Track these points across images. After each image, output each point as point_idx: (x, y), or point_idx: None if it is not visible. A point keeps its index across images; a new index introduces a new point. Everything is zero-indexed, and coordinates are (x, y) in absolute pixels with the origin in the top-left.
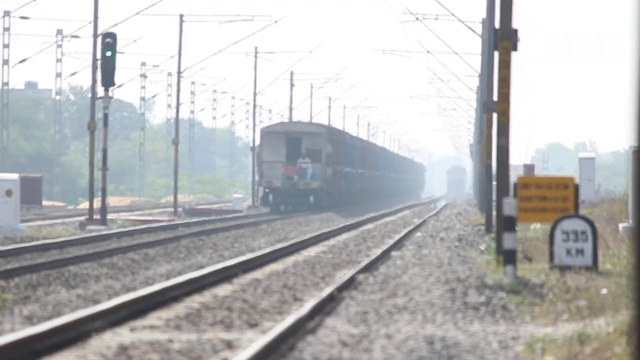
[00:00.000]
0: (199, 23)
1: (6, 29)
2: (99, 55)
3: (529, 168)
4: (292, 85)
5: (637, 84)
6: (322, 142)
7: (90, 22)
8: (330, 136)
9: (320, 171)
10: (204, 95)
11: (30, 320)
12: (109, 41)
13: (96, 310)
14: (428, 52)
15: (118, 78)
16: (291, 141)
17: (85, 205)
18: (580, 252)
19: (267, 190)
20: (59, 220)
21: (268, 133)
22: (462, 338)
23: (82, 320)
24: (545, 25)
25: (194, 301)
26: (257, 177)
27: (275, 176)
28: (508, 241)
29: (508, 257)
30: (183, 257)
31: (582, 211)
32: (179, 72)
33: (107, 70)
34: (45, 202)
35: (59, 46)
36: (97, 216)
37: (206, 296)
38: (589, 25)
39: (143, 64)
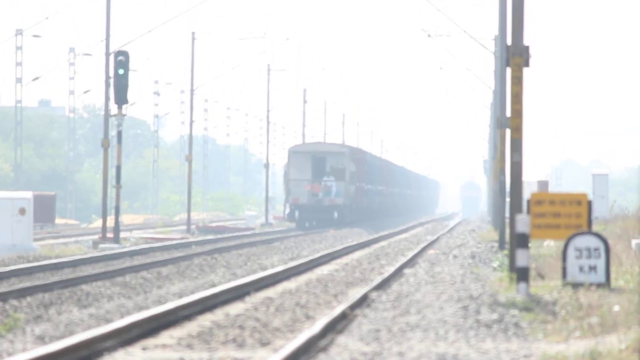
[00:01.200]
0: (212, 41)
1: (19, 48)
2: (111, 73)
3: (543, 184)
4: (305, 101)
5: None
6: (346, 161)
7: (102, 40)
8: (353, 155)
9: (344, 189)
10: (217, 112)
11: (42, 339)
12: (122, 59)
13: (108, 330)
14: (441, 68)
15: (131, 95)
16: (317, 160)
17: (98, 223)
18: (593, 268)
19: (293, 206)
20: (72, 239)
21: (295, 152)
22: (474, 356)
23: (94, 339)
24: (558, 42)
25: (206, 320)
26: (284, 194)
27: (302, 193)
28: (521, 258)
29: (521, 274)
30: (196, 275)
31: (595, 228)
32: (192, 89)
33: (119, 88)
34: (58, 220)
35: (72, 64)
36: (110, 234)
37: (218, 315)
38: (601, 40)
39: (156, 81)
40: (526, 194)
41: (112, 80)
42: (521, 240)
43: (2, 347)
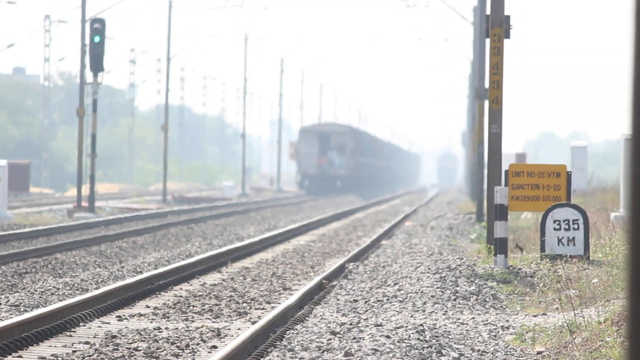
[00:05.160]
0: (189, 9)
1: None
2: (87, 41)
3: (521, 157)
4: (282, 71)
5: (633, 73)
6: (347, 139)
7: (78, 7)
8: (353, 134)
9: (346, 162)
10: (194, 81)
11: (17, 308)
12: (98, 26)
13: (83, 299)
14: (419, 38)
15: (107, 64)
16: (323, 138)
17: (73, 192)
18: (571, 241)
19: (303, 176)
20: (47, 208)
21: (305, 131)
22: (452, 327)
23: (69, 308)
24: (538, 13)
25: (183, 290)
26: (296, 167)
27: (310, 165)
28: (499, 230)
29: (499, 246)
30: (172, 245)
31: (574, 200)
32: (168, 58)
33: (95, 55)
34: (33, 189)
35: (47, 31)
36: (85, 203)
37: (195, 285)
38: (582, 11)
39: (132, 49)
40: (504, 166)
41: (87, 48)
42: (499, 212)
43: None
